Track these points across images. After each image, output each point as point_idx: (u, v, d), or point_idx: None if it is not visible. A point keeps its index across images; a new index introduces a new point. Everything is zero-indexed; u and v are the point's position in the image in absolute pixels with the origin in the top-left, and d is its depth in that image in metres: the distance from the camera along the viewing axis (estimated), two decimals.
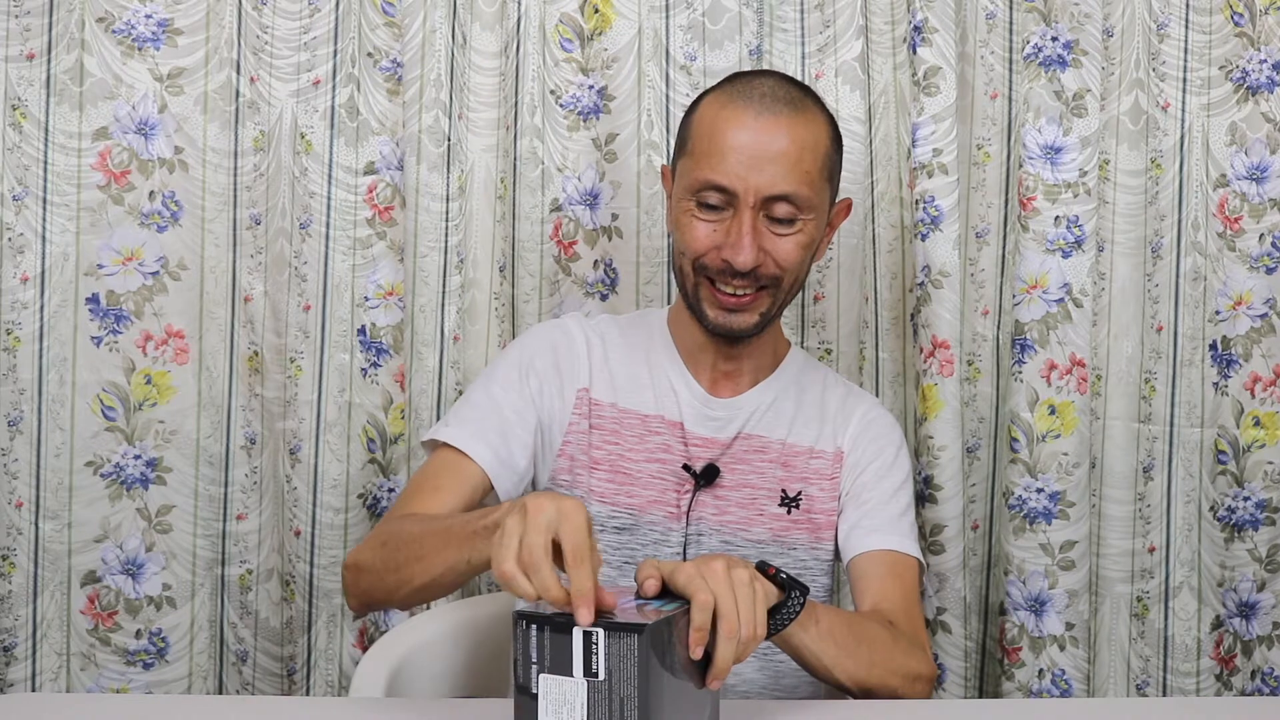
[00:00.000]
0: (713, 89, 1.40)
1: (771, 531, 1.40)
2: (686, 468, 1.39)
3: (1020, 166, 1.73)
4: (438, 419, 1.71)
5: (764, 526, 1.40)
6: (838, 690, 1.26)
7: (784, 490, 1.41)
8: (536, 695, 0.96)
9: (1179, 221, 1.77)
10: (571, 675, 0.96)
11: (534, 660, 0.97)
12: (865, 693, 1.24)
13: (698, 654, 1.00)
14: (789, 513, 1.41)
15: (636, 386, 1.43)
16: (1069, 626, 1.73)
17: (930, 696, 1.32)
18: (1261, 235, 1.76)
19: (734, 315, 1.36)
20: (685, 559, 1.37)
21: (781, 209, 1.32)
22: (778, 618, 1.12)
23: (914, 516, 1.45)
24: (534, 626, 0.97)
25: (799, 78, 1.73)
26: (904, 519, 1.42)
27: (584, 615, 0.95)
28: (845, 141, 1.71)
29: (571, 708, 0.96)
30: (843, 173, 1.71)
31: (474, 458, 1.35)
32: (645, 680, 0.95)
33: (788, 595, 1.12)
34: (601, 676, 0.95)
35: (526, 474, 1.40)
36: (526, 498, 1.03)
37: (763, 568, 1.12)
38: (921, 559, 1.42)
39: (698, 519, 1.39)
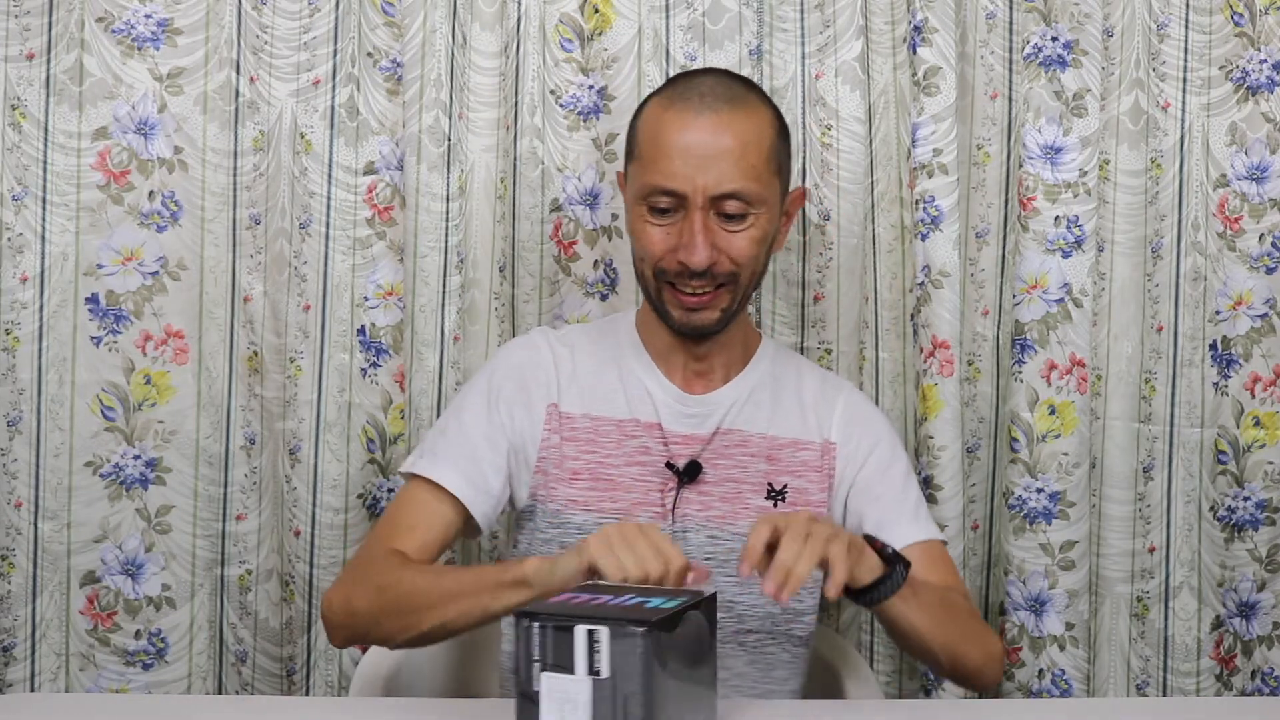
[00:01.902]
0: (655, 92, 1.42)
1: None
2: (669, 465, 1.39)
3: (1020, 166, 1.73)
4: (438, 418, 1.71)
5: (750, 520, 1.38)
6: (923, 660, 1.34)
7: (770, 483, 1.41)
8: (538, 693, 0.96)
9: (1179, 221, 1.77)
10: (574, 673, 0.96)
11: (535, 658, 0.96)
12: (951, 662, 1.31)
13: (745, 570, 1.09)
14: (775, 505, 1.41)
15: (608, 393, 1.43)
16: (1069, 626, 1.73)
17: (1001, 671, 1.40)
18: (1261, 235, 1.76)
19: (696, 314, 1.38)
20: None
21: (731, 206, 1.33)
22: (880, 589, 1.19)
23: (923, 498, 1.50)
24: (536, 624, 0.96)
25: (799, 78, 1.73)
26: (920, 506, 1.46)
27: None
28: (845, 141, 1.72)
29: (575, 706, 0.96)
30: (844, 173, 1.72)
31: (448, 488, 1.37)
32: (649, 678, 0.95)
33: (892, 569, 1.19)
34: (605, 674, 0.95)
35: (502, 496, 1.41)
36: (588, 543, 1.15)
37: (870, 540, 1.20)
38: (936, 532, 1.46)
39: (683, 516, 1.39)
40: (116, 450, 1.68)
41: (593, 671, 0.96)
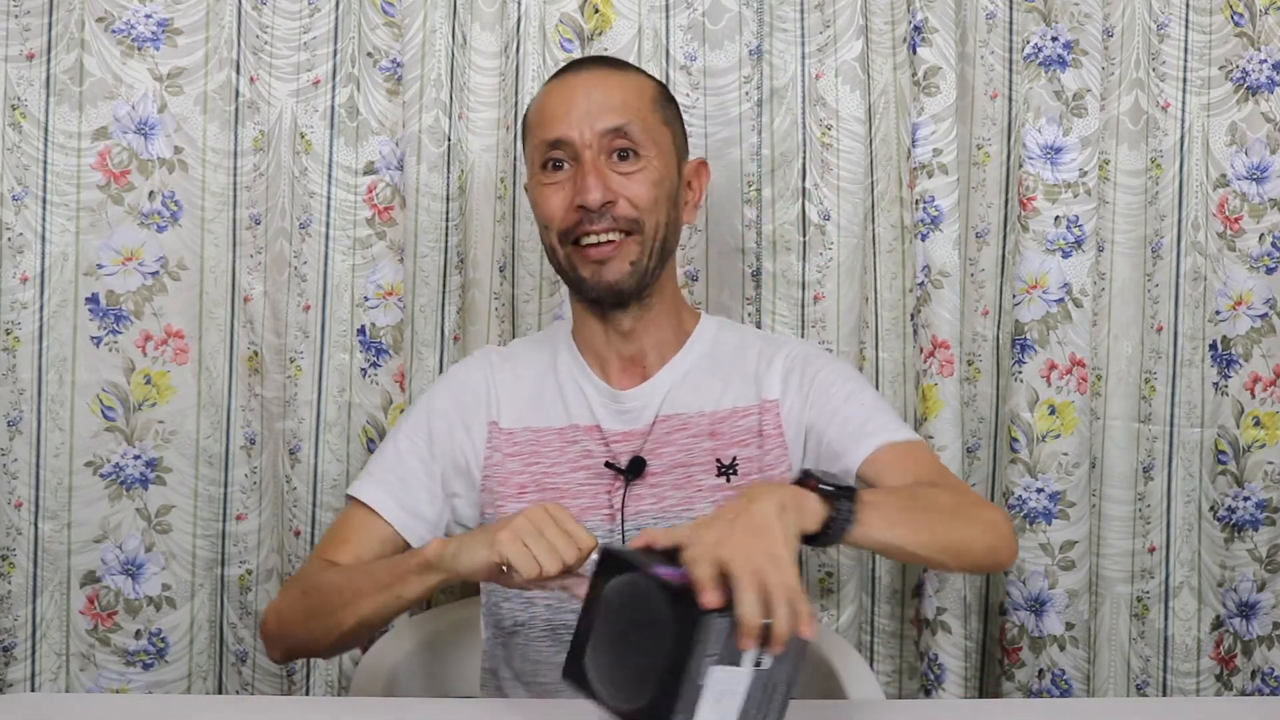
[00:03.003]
0: None
1: (714, 504, 1.36)
2: (609, 465, 1.38)
3: (1020, 166, 1.73)
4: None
5: (705, 500, 1.37)
6: (930, 568, 1.25)
7: (718, 460, 1.38)
8: (702, 687, 0.98)
9: (1179, 221, 1.77)
10: (740, 665, 0.99)
11: (710, 653, 0.98)
12: (957, 559, 1.23)
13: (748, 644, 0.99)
14: (728, 480, 1.38)
15: (548, 403, 1.43)
16: (1069, 626, 1.73)
17: (1015, 540, 1.29)
18: (1261, 235, 1.76)
19: (605, 267, 1.36)
20: None
21: (620, 142, 1.36)
22: (830, 531, 1.11)
23: (885, 402, 1.43)
24: (726, 620, 0.98)
25: (799, 78, 1.73)
26: (877, 413, 1.37)
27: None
28: (845, 141, 1.72)
29: (732, 694, 0.99)
30: (844, 173, 1.72)
31: (379, 511, 1.39)
32: (798, 669, 1.01)
33: (836, 506, 1.11)
34: (765, 665, 0.99)
35: (438, 520, 1.41)
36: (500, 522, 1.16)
37: (804, 479, 1.12)
38: (907, 431, 1.37)
39: (634, 513, 1.37)
40: (116, 450, 1.68)
41: (758, 664, 0.99)
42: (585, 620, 1.05)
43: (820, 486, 1.11)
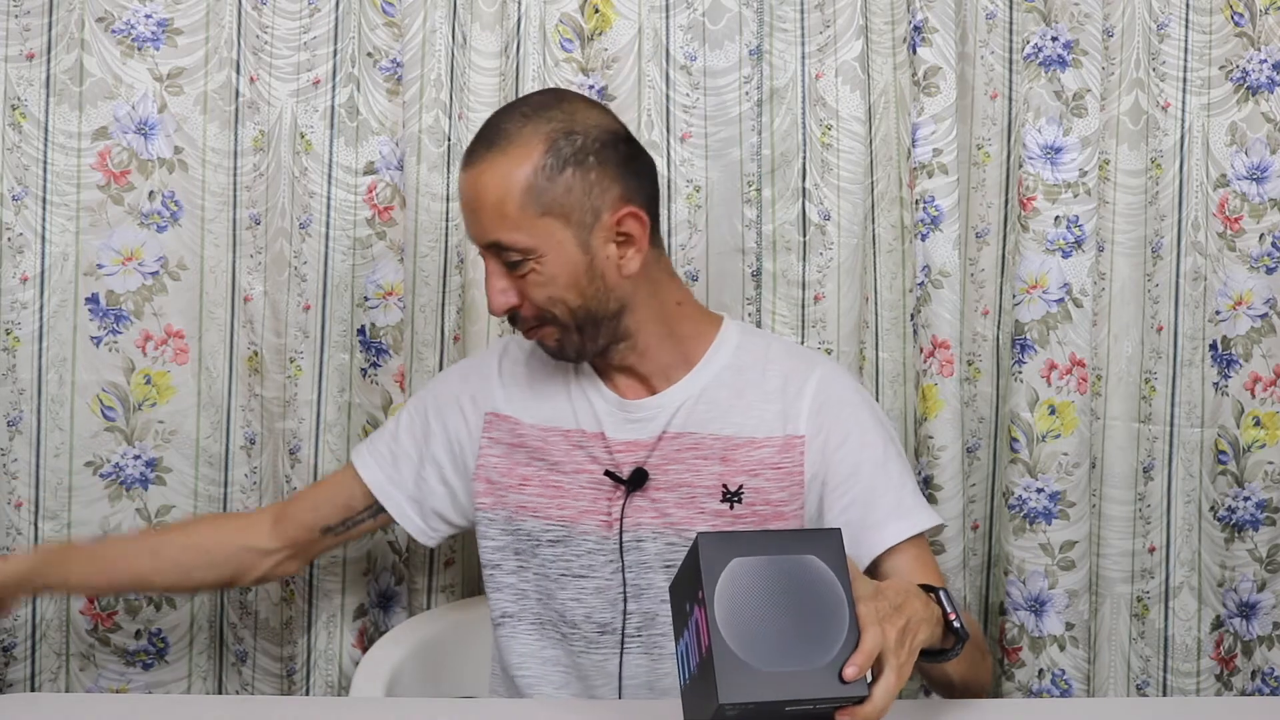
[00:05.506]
0: None
1: (714, 529, 1.34)
2: (609, 473, 1.37)
3: (1020, 166, 1.73)
4: None
5: (706, 524, 1.35)
6: (939, 692, 1.34)
7: (724, 485, 1.36)
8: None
9: (1179, 221, 1.77)
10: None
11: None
12: (964, 690, 1.31)
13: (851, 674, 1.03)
14: (731, 508, 1.36)
15: (556, 403, 1.42)
16: (1069, 626, 1.73)
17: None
18: (1261, 235, 1.76)
19: (543, 345, 1.39)
20: (623, 565, 1.36)
21: (507, 254, 1.31)
22: (936, 658, 1.18)
23: (909, 468, 1.41)
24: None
25: (799, 78, 1.73)
26: (902, 496, 1.38)
27: None
28: (845, 141, 1.72)
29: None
30: (844, 173, 1.72)
31: (362, 476, 1.48)
32: None
33: (956, 640, 1.18)
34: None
35: (422, 498, 1.48)
36: None
37: (934, 597, 1.17)
38: (932, 515, 1.39)
39: (635, 524, 1.36)
40: (116, 450, 1.68)
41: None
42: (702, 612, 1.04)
43: (951, 623, 1.17)
